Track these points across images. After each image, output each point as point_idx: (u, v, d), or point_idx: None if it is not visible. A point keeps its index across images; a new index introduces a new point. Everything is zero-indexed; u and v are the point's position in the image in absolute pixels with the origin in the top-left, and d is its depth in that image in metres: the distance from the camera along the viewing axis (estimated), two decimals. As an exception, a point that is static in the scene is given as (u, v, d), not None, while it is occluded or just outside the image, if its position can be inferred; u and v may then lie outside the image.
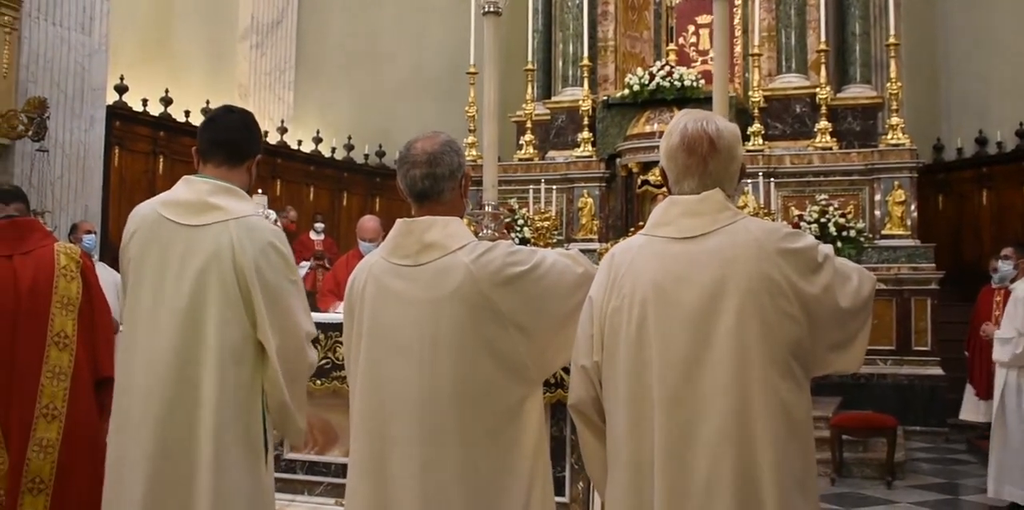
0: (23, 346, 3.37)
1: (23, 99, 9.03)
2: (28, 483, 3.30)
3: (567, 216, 11.58)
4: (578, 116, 11.74)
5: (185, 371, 2.80)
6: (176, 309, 2.82)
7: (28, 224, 3.62)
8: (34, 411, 3.32)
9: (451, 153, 2.62)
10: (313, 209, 13.07)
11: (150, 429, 2.77)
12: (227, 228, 2.88)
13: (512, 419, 2.48)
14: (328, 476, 5.36)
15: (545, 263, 2.52)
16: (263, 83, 13.31)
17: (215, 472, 2.77)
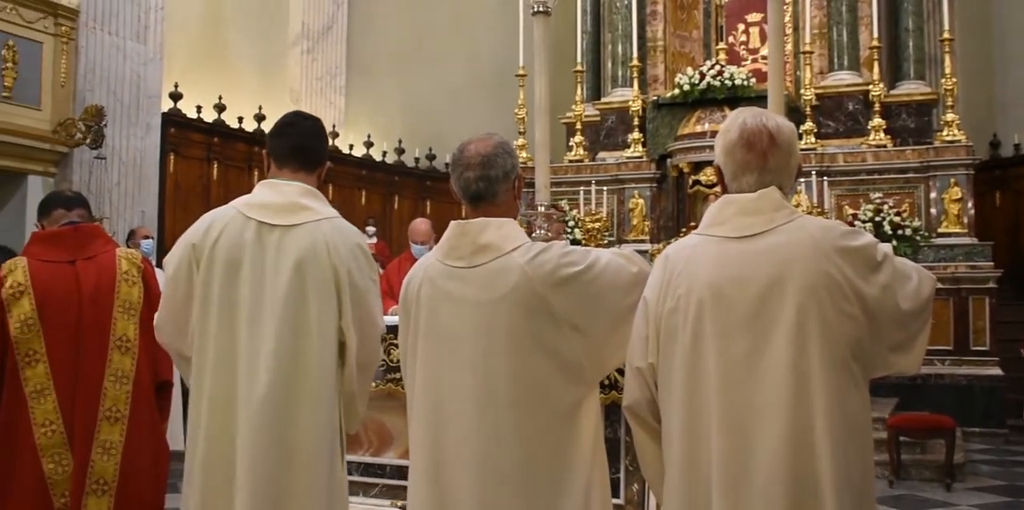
0: (86, 350, 3.42)
1: (81, 108, 9.22)
2: (92, 485, 3.34)
3: (618, 217, 11.55)
4: (628, 117, 11.69)
5: (289, 366, 2.86)
6: (275, 308, 2.87)
7: (90, 230, 3.66)
8: (97, 414, 3.37)
9: (504, 155, 2.63)
10: (365, 213, 13.15)
11: (256, 430, 2.82)
12: (320, 227, 2.96)
13: (569, 420, 2.48)
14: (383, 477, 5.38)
15: (599, 263, 2.51)
16: (314, 88, 13.42)
17: (314, 469, 2.87)
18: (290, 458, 2.85)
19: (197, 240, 2.97)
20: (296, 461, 2.85)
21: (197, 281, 2.95)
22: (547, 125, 3.16)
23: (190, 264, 2.97)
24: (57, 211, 3.73)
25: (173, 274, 3.02)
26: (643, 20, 12.07)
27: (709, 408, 2.25)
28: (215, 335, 2.90)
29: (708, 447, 2.25)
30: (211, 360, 2.90)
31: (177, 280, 2.99)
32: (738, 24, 12.42)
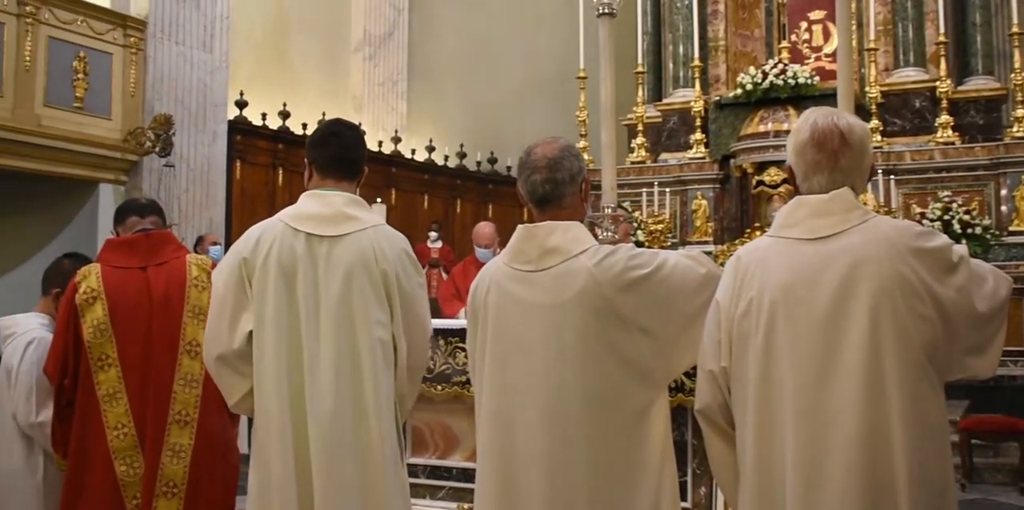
0: (156, 355, 3.47)
1: (150, 117, 9.39)
2: (162, 487, 3.38)
3: (681, 219, 11.49)
4: (690, 117, 11.63)
5: (348, 373, 2.91)
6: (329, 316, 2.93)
7: (162, 237, 3.71)
8: (167, 417, 3.41)
9: (571, 158, 2.63)
10: (428, 217, 13.22)
11: (319, 433, 2.87)
12: (367, 235, 3.01)
13: (639, 422, 2.48)
14: (449, 480, 5.41)
15: (667, 265, 2.50)
16: (376, 94, 13.53)
17: (383, 471, 2.93)
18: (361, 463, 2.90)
19: (248, 254, 3.01)
20: (367, 465, 2.91)
21: (251, 294, 2.99)
22: (613, 127, 3.17)
23: (241, 278, 3.01)
24: (131, 218, 3.81)
25: (223, 288, 3.05)
26: (704, 20, 12.00)
27: (783, 411, 2.24)
28: (272, 347, 2.95)
29: (783, 450, 2.23)
30: (269, 372, 2.95)
31: (226, 294, 3.03)
32: (800, 22, 12.28)
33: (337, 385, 2.90)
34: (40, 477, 3.76)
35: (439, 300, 7.65)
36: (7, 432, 3.79)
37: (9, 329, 3.90)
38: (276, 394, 2.92)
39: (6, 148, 8.20)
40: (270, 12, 12.19)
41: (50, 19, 8.72)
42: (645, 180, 11.06)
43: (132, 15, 9.51)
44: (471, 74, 14.79)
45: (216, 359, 3.05)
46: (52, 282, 3.98)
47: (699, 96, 11.47)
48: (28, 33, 8.50)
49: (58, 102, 8.80)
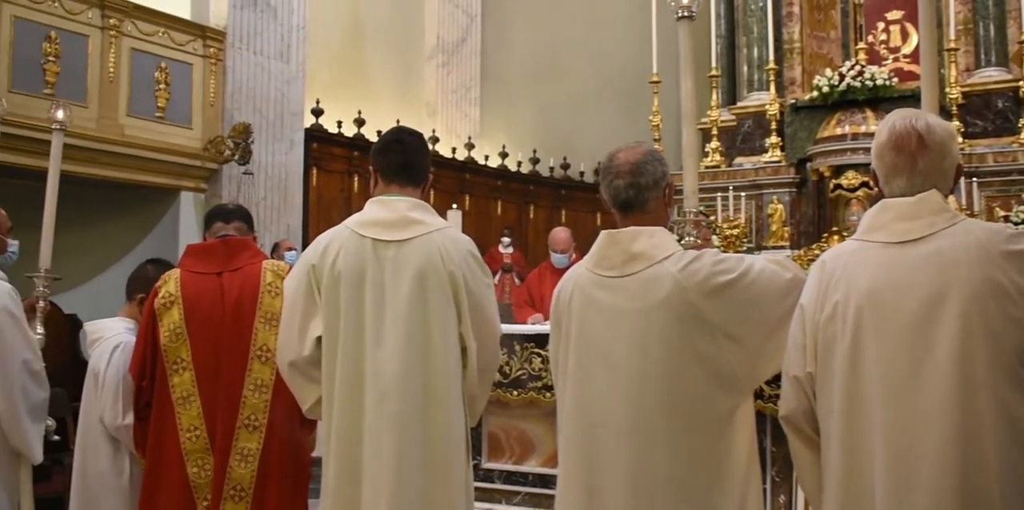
0: (227, 359, 3.51)
1: (229, 126, 9.56)
2: (230, 490, 3.42)
3: (756, 223, 11.36)
4: (765, 121, 11.50)
5: (418, 376, 2.94)
6: (398, 320, 2.96)
7: (239, 243, 3.75)
8: (236, 421, 3.45)
9: (654, 162, 2.63)
10: (501, 223, 13.25)
11: (390, 436, 2.90)
12: (432, 238, 3.05)
13: (724, 430, 2.46)
14: (525, 486, 5.42)
15: (753, 270, 2.49)
16: (450, 101, 13.60)
17: (452, 473, 2.96)
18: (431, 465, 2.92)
19: (316, 261, 3.06)
20: (436, 467, 2.93)
21: (320, 301, 3.03)
22: (694, 130, 3.15)
23: (310, 284, 3.05)
24: (216, 224, 3.87)
25: (293, 295, 3.10)
26: (779, 22, 11.86)
27: (871, 418, 2.20)
28: (341, 352, 2.99)
29: (871, 457, 2.19)
30: (340, 375, 2.98)
31: (296, 301, 3.08)
32: (877, 23, 12.09)
33: (405, 388, 2.93)
34: (126, 478, 3.85)
35: (512, 305, 7.66)
36: (95, 435, 3.88)
37: (96, 333, 3.99)
38: (344, 398, 2.96)
39: (91, 157, 8.39)
40: (345, 21, 12.33)
41: (132, 31, 8.92)
42: (720, 185, 10.96)
43: (211, 26, 9.69)
44: (544, 79, 14.79)
45: (288, 365, 3.11)
46: (136, 287, 4.07)
47: (774, 99, 11.33)
48: (112, 45, 8.71)
49: (141, 112, 9.00)
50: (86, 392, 3.95)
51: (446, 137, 13.09)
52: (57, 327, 7.33)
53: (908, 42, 11.77)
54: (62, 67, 8.28)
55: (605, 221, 14.16)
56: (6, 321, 3.81)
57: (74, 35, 8.43)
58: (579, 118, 14.79)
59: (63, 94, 8.04)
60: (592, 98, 14.96)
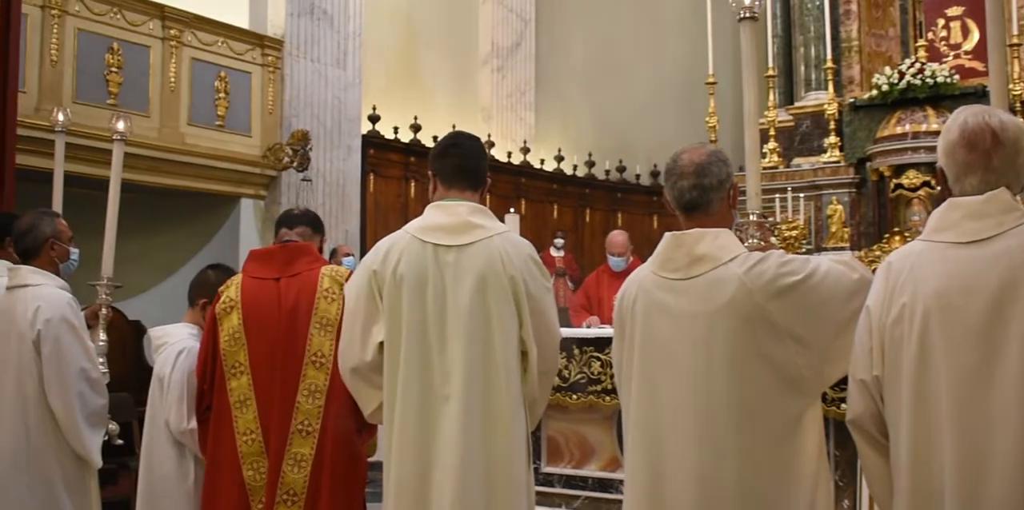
0: (283, 364, 3.52)
1: (287, 133, 9.67)
2: (283, 495, 3.43)
3: (815, 224, 11.23)
4: (823, 120, 11.37)
5: (480, 380, 2.94)
6: (460, 324, 2.96)
7: (299, 248, 3.75)
8: (290, 427, 3.45)
9: (719, 163, 2.60)
10: (557, 226, 13.24)
11: (453, 440, 2.91)
12: (493, 242, 3.05)
13: (791, 432, 2.42)
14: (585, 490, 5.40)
15: (819, 271, 2.45)
16: (505, 105, 13.63)
17: (515, 477, 2.96)
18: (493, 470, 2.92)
19: (377, 266, 3.06)
20: (498, 472, 2.93)
21: (383, 306, 3.04)
22: (756, 130, 3.12)
23: (371, 290, 3.06)
24: (282, 229, 3.91)
25: (354, 301, 3.11)
26: (836, 20, 11.72)
27: (940, 421, 2.16)
28: (403, 357, 2.99)
29: (940, 461, 2.16)
30: (402, 380, 2.98)
31: (357, 306, 3.09)
32: (937, 19, 11.90)
33: (468, 392, 2.93)
34: (191, 482, 3.89)
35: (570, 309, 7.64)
36: (160, 439, 3.93)
37: (161, 339, 4.05)
38: (405, 403, 2.96)
39: (153, 166, 8.53)
40: (400, 28, 12.42)
41: (192, 41, 9.07)
42: (778, 186, 10.85)
43: (269, 35, 9.81)
44: (598, 83, 14.77)
45: (351, 372, 3.12)
46: (198, 293, 4.13)
47: (832, 98, 11.19)
48: (172, 55, 8.86)
49: (201, 121, 9.14)
50: (151, 397, 4.01)
51: (501, 141, 13.12)
52: (121, 333, 7.46)
53: (969, 38, 11.57)
54: (124, 77, 8.44)
55: (662, 224, 14.10)
56: (64, 331, 3.92)
57: (136, 46, 8.60)
58: (635, 120, 14.74)
59: (126, 104, 8.20)
60: (648, 100, 14.90)
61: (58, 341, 3.90)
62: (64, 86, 8.00)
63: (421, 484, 2.93)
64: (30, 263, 4.08)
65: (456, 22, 13.25)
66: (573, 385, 5.25)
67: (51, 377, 3.88)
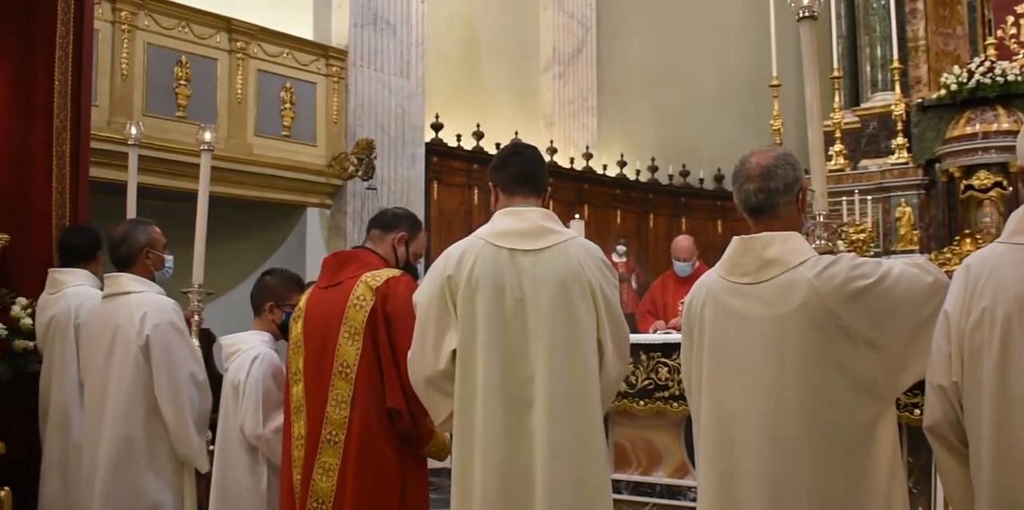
0: (317, 375, 3.53)
1: (352, 142, 9.77)
2: (313, 503, 3.45)
3: (883, 227, 11.07)
4: (891, 121, 11.22)
5: (564, 385, 2.94)
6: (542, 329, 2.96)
7: (347, 256, 3.77)
8: (320, 436, 3.46)
9: (786, 166, 2.57)
10: (620, 232, 13.20)
11: (537, 445, 2.91)
12: (569, 247, 3.05)
13: (865, 439, 2.38)
14: (653, 496, 5.37)
15: (892, 274, 2.40)
16: (567, 111, 13.62)
17: (601, 483, 2.98)
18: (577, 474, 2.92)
19: (452, 271, 3.05)
20: (587, 478, 2.93)
21: (458, 312, 3.03)
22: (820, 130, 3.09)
23: (444, 296, 3.05)
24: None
25: (426, 309, 3.09)
26: (902, 19, 11.56)
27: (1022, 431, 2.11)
28: (482, 363, 2.98)
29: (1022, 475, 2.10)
30: (479, 388, 2.97)
31: (429, 314, 3.08)
32: (1007, 17, 11.68)
33: (551, 396, 2.92)
34: (264, 487, 3.95)
35: (636, 315, 7.62)
36: (234, 444, 3.99)
37: (234, 347, 4.11)
38: (487, 409, 2.95)
39: (221, 176, 8.62)
40: (462, 36, 12.48)
41: (258, 53, 9.20)
42: (844, 188, 10.73)
43: (333, 45, 9.92)
44: (661, 87, 14.70)
45: (425, 382, 3.09)
46: (261, 299, 4.21)
47: (900, 99, 11.04)
48: (239, 67, 9.00)
49: (267, 131, 9.27)
50: (224, 403, 4.08)
51: (564, 147, 13.12)
52: (193, 341, 7.58)
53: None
54: (193, 90, 8.60)
55: (726, 228, 13.99)
56: (173, 335, 4.00)
57: (203, 59, 8.75)
58: (698, 124, 14.65)
59: (194, 116, 8.34)
60: (711, 104, 14.80)
61: (167, 346, 3.97)
62: (135, 99, 8.17)
63: (508, 490, 2.92)
64: (126, 272, 4.14)
65: (517, 29, 13.29)
66: (641, 391, 5.22)
67: (162, 382, 3.94)
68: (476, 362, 2.99)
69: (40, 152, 5.17)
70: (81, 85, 5.28)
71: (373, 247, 3.72)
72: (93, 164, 5.68)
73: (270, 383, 3.94)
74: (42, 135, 5.18)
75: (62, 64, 5.21)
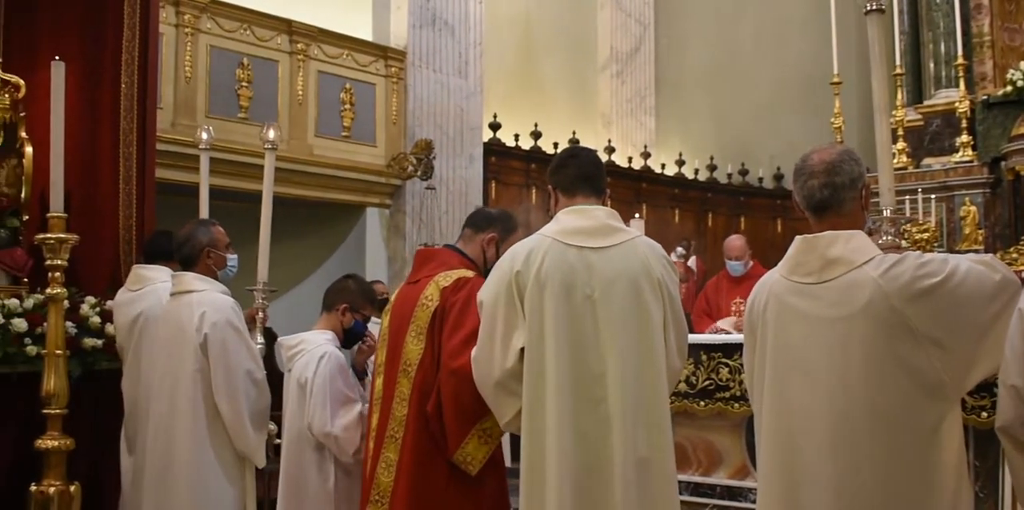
0: (392, 372, 3.57)
1: (411, 142, 9.83)
2: (375, 495, 3.49)
3: (947, 226, 10.89)
4: (955, 119, 11.02)
5: (637, 383, 2.96)
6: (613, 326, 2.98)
7: (430, 254, 3.82)
8: (386, 431, 3.50)
9: (850, 162, 2.54)
10: (679, 232, 13.14)
11: (613, 441, 2.93)
12: (636, 245, 3.08)
13: (931, 440, 2.34)
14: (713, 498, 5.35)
15: (959, 272, 2.35)
16: (624, 110, 13.58)
17: (670, 480, 3.04)
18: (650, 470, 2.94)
19: (520, 267, 3.05)
20: (658, 476, 2.95)
21: (526, 309, 3.03)
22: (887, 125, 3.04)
23: (512, 293, 3.05)
24: None
25: (492, 307, 3.10)
26: (967, 15, 11.35)
27: None
28: (554, 359, 2.97)
29: None
30: (552, 384, 2.97)
31: (496, 313, 3.08)
32: (1074, 11, 11.45)
33: (624, 392, 2.94)
34: (331, 484, 3.99)
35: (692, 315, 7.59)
36: (301, 442, 4.04)
37: (297, 346, 4.16)
38: (559, 407, 2.95)
39: (283, 177, 8.69)
40: (520, 36, 12.50)
41: (319, 55, 9.30)
42: (907, 187, 10.55)
43: (392, 46, 9.99)
44: (719, 85, 14.59)
45: (494, 382, 3.09)
46: (338, 298, 4.25)
47: (964, 96, 10.83)
48: (300, 69, 9.10)
49: (328, 132, 9.36)
50: (289, 401, 4.13)
51: (622, 147, 13.08)
52: (255, 340, 7.69)
53: (1111, 29, 11.12)
54: (255, 92, 8.70)
55: (786, 228, 13.85)
56: (230, 334, 4.09)
57: (265, 61, 8.87)
58: (757, 123, 14.52)
59: (256, 118, 8.46)
60: (770, 102, 14.66)
61: (224, 344, 4.07)
62: (198, 101, 8.31)
63: (583, 488, 2.92)
64: (190, 271, 4.25)
65: (575, 28, 13.27)
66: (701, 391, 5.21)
67: (219, 379, 4.05)
68: (545, 360, 2.99)
69: (107, 154, 5.28)
70: (147, 88, 5.38)
71: (462, 246, 3.73)
72: (158, 165, 5.78)
73: (337, 381, 4.00)
74: (109, 137, 5.29)
75: (128, 68, 5.32)
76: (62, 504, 4.26)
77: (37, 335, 4.64)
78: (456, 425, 3.30)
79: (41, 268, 4.53)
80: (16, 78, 5.19)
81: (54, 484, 4.27)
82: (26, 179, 5.13)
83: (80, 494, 4.35)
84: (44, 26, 5.43)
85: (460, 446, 3.34)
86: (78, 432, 4.57)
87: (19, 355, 4.64)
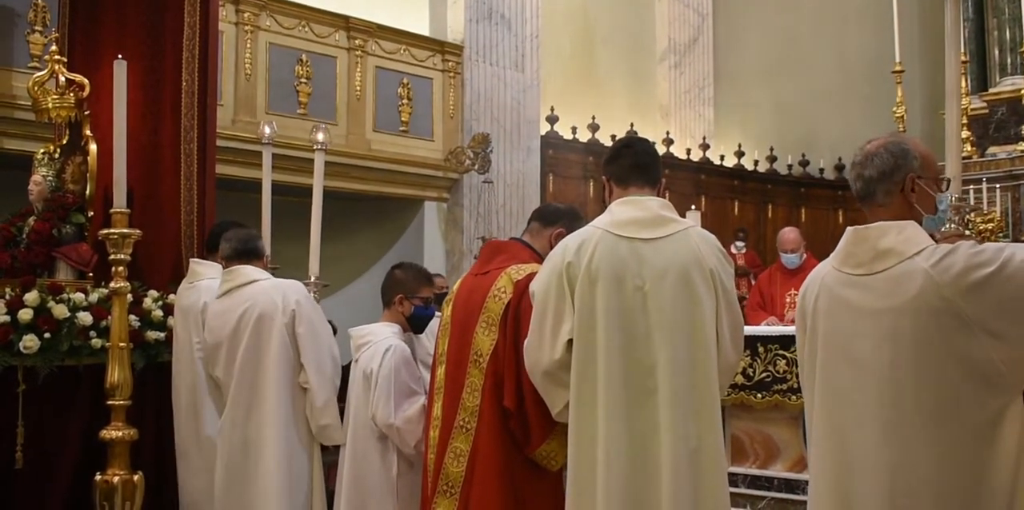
0: (457, 361, 3.59)
1: (468, 136, 9.87)
2: (443, 485, 3.49)
3: (1012, 216, 10.70)
4: (1020, 107, 10.83)
5: (688, 375, 2.97)
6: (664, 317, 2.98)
7: (499, 247, 3.83)
8: (455, 422, 3.51)
9: (885, 154, 2.50)
10: (738, 223, 13.04)
11: (663, 434, 2.94)
12: (690, 235, 3.08)
13: (988, 432, 2.28)
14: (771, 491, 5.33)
15: (1015, 259, 2.27)
16: (683, 101, 13.49)
17: (721, 475, 3.02)
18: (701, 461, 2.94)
19: (572, 258, 3.06)
20: (707, 462, 2.95)
21: (576, 300, 3.05)
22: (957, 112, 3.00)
23: (562, 284, 3.07)
24: None
25: (543, 297, 3.12)
26: (1033, 2, 11.15)
27: None
28: (604, 350, 2.99)
29: None
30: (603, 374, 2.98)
31: (547, 303, 3.10)
32: None
33: (674, 384, 2.94)
34: (394, 475, 4.05)
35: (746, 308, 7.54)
36: (365, 432, 4.10)
37: (364, 338, 4.23)
38: (610, 398, 2.96)
39: (342, 172, 8.84)
40: (576, 28, 12.48)
41: (376, 50, 9.37)
42: (972, 177, 10.38)
43: (449, 41, 10.03)
44: (779, 75, 14.44)
45: (542, 372, 3.12)
46: (392, 291, 4.30)
47: (1030, 84, 10.66)
48: (358, 65, 9.18)
49: (386, 127, 9.43)
50: (354, 392, 4.19)
51: (680, 138, 13.01)
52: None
53: None
54: (313, 88, 8.81)
55: (847, 219, 13.66)
56: (314, 311, 4.31)
57: (323, 57, 8.96)
58: (817, 113, 14.35)
59: (314, 113, 8.55)
60: (830, 91, 14.48)
61: (311, 320, 4.25)
62: (258, 98, 8.42)
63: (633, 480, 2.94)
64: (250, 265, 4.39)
65: (632, 20, 13.21)
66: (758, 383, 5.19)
67: (308, 353, 4.20)
68: (596, 351, 3.00)
69: (169, 150, 5.38)
70: (207, 85, 5.47)
71: (529, 240, 3.74)
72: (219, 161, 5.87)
73: (402, 373, 4.05)
74: (170, 134, 5.39)
75: (189, 65, 5.41)
76: (126, 493, 4.35)
77: (102, 328, 4.74)
78: (542, 422, 3.30)
79: (105, 263, 4.61)
80: (80, 77, 5.30)
81: (118, 473, 4.36)
82: (91, 176, 5.24)
83: (143, 483, 4.45)
84: (106, 26, 5.55)
85: (544, 443, 3.34)
86: (141, 422, 4.67)
87: (84, 348, 4.74)
